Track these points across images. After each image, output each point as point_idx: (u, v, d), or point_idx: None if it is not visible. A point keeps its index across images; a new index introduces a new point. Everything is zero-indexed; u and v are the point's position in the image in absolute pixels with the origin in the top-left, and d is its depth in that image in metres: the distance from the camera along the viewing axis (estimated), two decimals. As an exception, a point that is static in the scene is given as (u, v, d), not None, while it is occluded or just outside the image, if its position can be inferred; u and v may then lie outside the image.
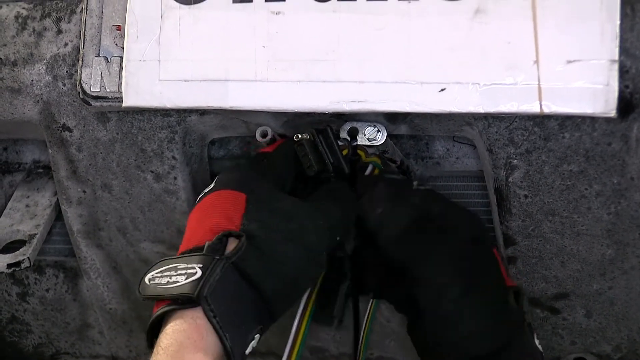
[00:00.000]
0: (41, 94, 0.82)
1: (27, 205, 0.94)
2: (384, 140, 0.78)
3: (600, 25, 0.66)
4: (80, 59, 0.78)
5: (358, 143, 0.77)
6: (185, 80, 0.75)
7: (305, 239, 0.67)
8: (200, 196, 0.72)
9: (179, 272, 0.62)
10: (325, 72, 0.72)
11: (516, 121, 0.72)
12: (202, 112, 0.80)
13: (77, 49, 0.80)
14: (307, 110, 0.73)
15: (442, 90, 0.69)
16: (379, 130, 0.78)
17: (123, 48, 0.76)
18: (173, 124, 0.81)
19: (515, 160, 0.74)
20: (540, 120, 0.71)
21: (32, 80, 0.82)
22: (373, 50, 0.71)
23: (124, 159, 0.83)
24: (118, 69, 0.77)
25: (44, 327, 1.05)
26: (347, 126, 0.78)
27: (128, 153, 0.83)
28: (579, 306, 0.84)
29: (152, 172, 0.84)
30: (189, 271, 0.61)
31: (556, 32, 0.67)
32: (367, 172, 0.77)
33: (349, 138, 0.78)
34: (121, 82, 0.76)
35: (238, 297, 0.62)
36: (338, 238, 0.71)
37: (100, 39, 0.78)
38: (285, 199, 0.69)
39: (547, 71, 0.67)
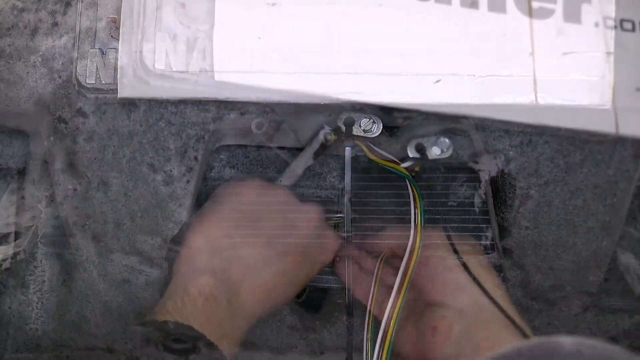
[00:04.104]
0: (37, 86, 0.82)
1: (22, 197, 0.94)
2: (379, 132, 0.78)
3: (595, 17, 0.66)
4: (76, 51, 0.78)
5: (353, 133, 0.77)
6: (180, 71, 0.75)
7: None
8: None
9: None
10: (320, 63, 0.71)
11: (512, 113, 0.72)
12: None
13: (72, 41, 0.80)
14: (302, 102, 0.73)
15: (438, 81, 0.69)
16: (374, 122, 0.78)
17: (118, 40, 0.76)
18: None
19: (511, 152, 0.74)
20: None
21: (28, 73, 0.81)
22: (368, 42, 0.70)
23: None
24: (113, 61, 0.77)
25: (40, 320, 1.05)
26: (344, 115, 0.78)
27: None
28: (574, 298, 0.84)
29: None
30: None
31: (552, 24, 0.67)
32: None
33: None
34: (116, 74, 0.76)
35: None
36: None
37: (95, 31, 0.78)
38: None
39: (542, 63, 0.67)
